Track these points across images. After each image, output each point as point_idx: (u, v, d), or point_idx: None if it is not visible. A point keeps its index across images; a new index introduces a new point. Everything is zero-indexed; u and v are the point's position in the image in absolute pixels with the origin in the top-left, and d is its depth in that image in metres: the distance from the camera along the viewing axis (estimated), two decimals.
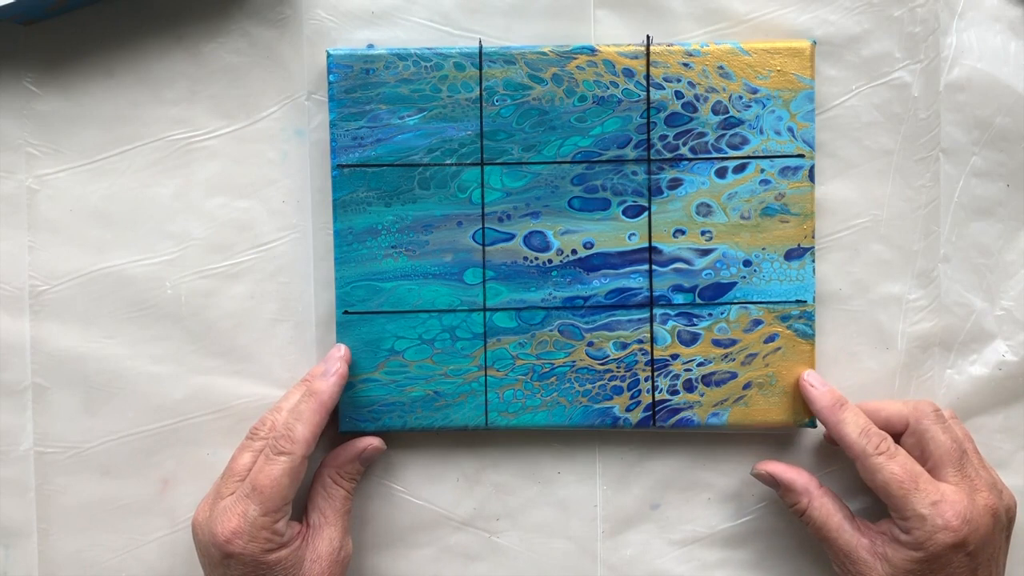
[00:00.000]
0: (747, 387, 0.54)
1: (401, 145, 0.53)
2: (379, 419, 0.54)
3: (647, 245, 0.54)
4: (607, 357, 0.54)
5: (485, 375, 0.54)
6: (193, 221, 0.55)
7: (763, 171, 0.53)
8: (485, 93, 0.53)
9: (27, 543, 0.55)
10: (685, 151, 0.53)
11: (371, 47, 0.54)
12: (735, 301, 0.54)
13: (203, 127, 0.54)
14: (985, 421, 0.55)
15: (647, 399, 0.54)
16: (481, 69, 0.53)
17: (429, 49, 0.53)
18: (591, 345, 0.54)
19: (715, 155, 0.53)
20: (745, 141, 0.53)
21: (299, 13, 0.54)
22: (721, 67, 0.53)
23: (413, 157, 0.53)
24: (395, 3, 0.54)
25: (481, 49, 0.53)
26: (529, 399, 0.54)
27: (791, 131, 0.53)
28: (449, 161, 0.53)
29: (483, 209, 0.53)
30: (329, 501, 0.52)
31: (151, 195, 0.55)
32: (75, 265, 0.55)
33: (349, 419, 0.54)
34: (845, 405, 0.52)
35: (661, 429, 0.54)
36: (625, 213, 0.54)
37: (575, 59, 0.53)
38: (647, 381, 0.54)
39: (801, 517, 0.52)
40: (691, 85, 0.53)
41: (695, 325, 0.54)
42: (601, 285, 0.54)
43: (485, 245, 0.53)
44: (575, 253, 0.54)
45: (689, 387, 0.54)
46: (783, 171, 0.53)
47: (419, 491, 0.55)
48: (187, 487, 0.55)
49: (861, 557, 0.50)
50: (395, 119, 0.53)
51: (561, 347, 0.54)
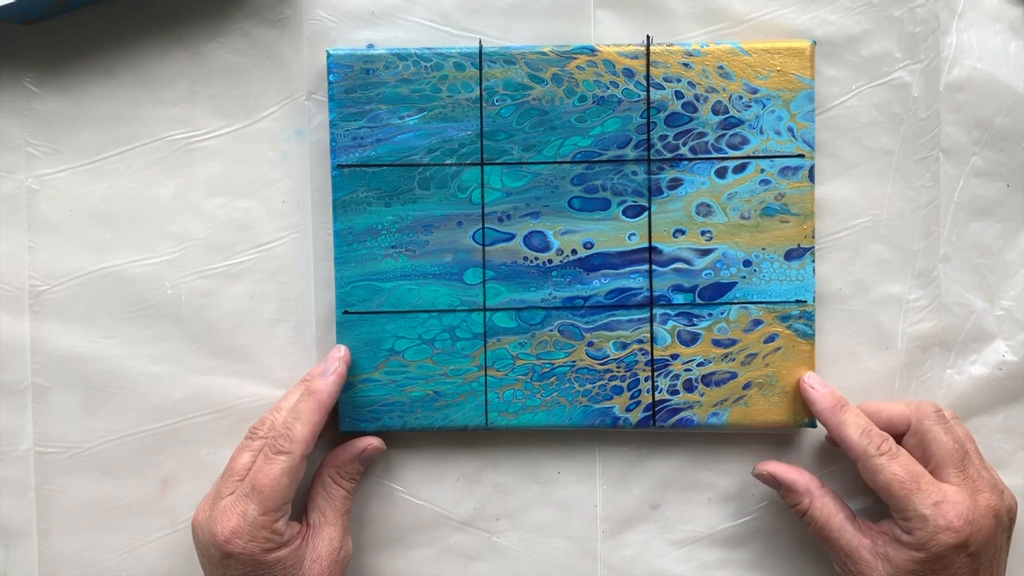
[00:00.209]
0: (747, 387, 0.54)
1: (401, 145, 0.53)
2: (379, 419, 0.54)
3: (647, 245, 0.54)
4: (607, 357, 0.54)
5: (485, 375, 0.54)
6: (193, 221, 0.55)
7: (763, 171, 0.53)
8: (485, 93, 0.53)
9: (27, 543, 0.55)
10: (685, 151, 0.53)
11: (371, 47, 0.54)
12: (735, 301, 0.54)
13: (203, 127, 0.54)
14: (985, 421, 0.55)
15: (647, 399, 0.54)
16: (481, 69, 0.53)
17: (429, 49, 0.53)
18: (591, 345, 0.54)
19: (715, 155, 0.53)
20: (745, 141, 0.53)
21: (299, 13, 0.54)
22: (721, 67, 0.53)
23: (413, 157, 0.53)
24: (395, 3, 0.54)
25: (481, 49, 0.53)
26: (529, 399, 0.54)
27: (791, 131, 0.53)
28: (449, 161, 0.53)
29: (483, 209, 0.53)
30: (329, 501, 0.52)
31: (151, 195, 0.55)
32: (75, 265, 0.55)
33: (349, 419, 0.54)
34: (846, 406, 0.52)
35: (661, 429, 0.54)
36: (625, 213, 0.54)
37: (575, 59, 0.53)
38: (647, 381, 0.54)
39: (803, 518, 0.52)
40: (691, 85, 0.53)
41: (695, 325, 0.54)
42: (601, 285, 0.54)
43: (485, 245, 0.53)
44: (575, 253, 0.54)
45: (689, 387, 0.54)
46: (783, 171, 0.53)
47: (419, 491, 0.55)
48: (187, 487, 0.55)
49: (863, 557, 0.50)
50: (395, 119, 0.53)
51: (561, 347, 0.54)
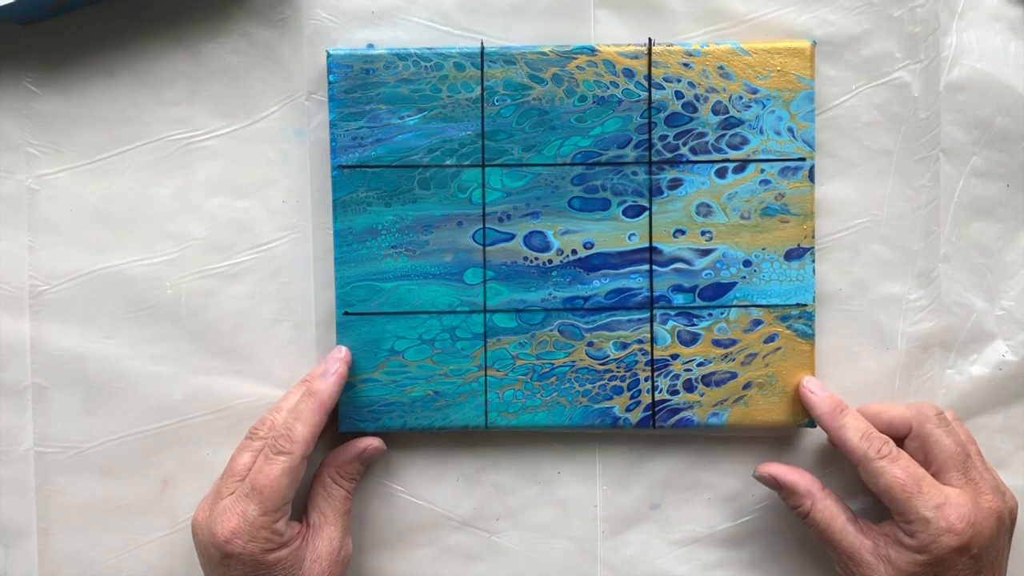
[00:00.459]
0: (747, 387, 0.54)
1: (401, 145, 0.53)
2: (379, 419, 0.54)
3: (647, 245, 0.54)
4: (607, 357, 0.54)
5: (485, 375, 0.54)
6: (193, 221, 0.55)
7: (763, 171, 0.53)
8: (485, 93, 0.53)
9: (27, 543, 0.55)
10: (685, 151, 0.53)
11: (371, 47, 0.54)
12: (735, 303, 0.54)
13: (203, 127, 0.54)
14: (985, 421, 0.55)
15: (647, 399, 0.54)
16: (483, 69, 0.53)
17: (429, 49, 0.53)
18: (591, 345, 0.54)
19: (715, 155, 0.53)
20: (745, 141, 0.53)
21: (299, 13, 0.54)
22: (721, 67, 0.53)
23: (413, 157, 0.53)
24: (395, 3, 0.54)
25: (483, 49, 0.53)
26: (529, 399, 0.54)
27: (791, 131, 0.53)
28: (449, 162, 0.53)
29: (483, 209, 0.53)
30: (329, 501, 0.52)
31: (151, 195, 0.55)
32: (75, 265, 0.55)
33: (349, 419, 0.54)
34: (845, 410, 0.51)
35: (661, 429, 0.54)
36: (625, 213, 0.53)
37: (575, 59, 0.53)
38: (647, 381, 0.54)
39: (804, 519, 0.52)
40: (691, 85, 0.53)
41: (695, 325, 0.54)
42: (601, 285, 0.54)
43: (485, 245, 0.53)
44: (575, 253, 0.54)
45: (689, 387, 0.54)
46: (783, 171, 0.53)
47: (419, 491, 0.55)
48: (187, 487, 0.55)
49: (864, 559, 0.50)
50: (395, 119, 0.53)
51: (561, 347, 0.54)
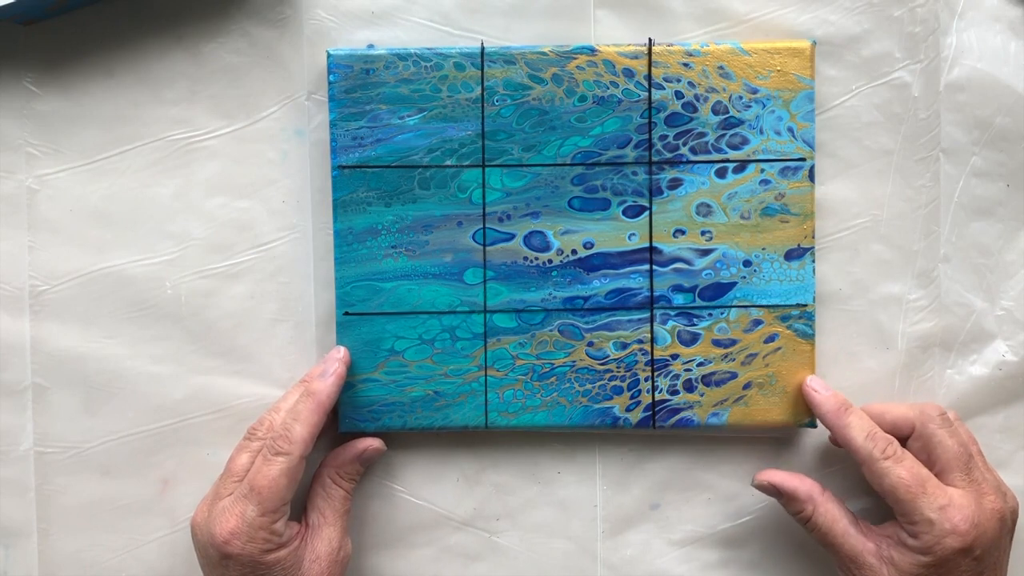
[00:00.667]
0: (747, 387, 0.54)
1: (401, 145, 0.53)
2: (379, 419, 0.54)
3: (647, 245, 0.54)
4: (607, 357, 0.54)
5: (485, 375, 0.54)
6: (193, 221, 0.55)
7: (763, 171, 0.53)
8: (485, 93, 0.53)
9: (27, 543, 0.55)
10: (685, 151, 0.53)
11: (371, 47, 0.54)
12: (735, 303, 0.54)
13: (203, 127, 0.54)
14: (985, 421, 0.55)
15: (647, 399, 0.54)
16: (483, 69, 0.53)
17: (429, 49, 0.53)
18: (591, 345, 0.54)
19: (715, 155, 0.53)
20: (745, 141, 0.53)
21: (299, 13, 0.54)
22: (721, 67, 0.53)
23: (413, 157, 0.53)
24: (395, 3, 0.54)
25: (483, 49, 0.53)
26: (529, 399, 0.54)
27: (791, 131, 0.53)
28: (449, 162, 0.53)
29: (483, 209, 0.53)
30: (328, 501, 0.52)
31: (151, 195, 0.55)
32: (75, 265, 0.55)
33: (349, 419, 0.54)
34: (850, 409, 0.51)
35: (661, 429, 0.54)
36: (625, 213, 0.53)
37: (575, 59, 0.53)
38: (647, 381, 0.54)
39: (806, 524, 0.51)
40: (691, 85, 0.53)
41: (695, 325, 0.54)
42: (601, 285, 0.54)
43: (485, 245, 0.53)
44: (575, 253, 0.54)
45: (689, 387, 0.54)
46: (783, 171, 0.53)
47: (419, 491, 0.55)
48: (187, 487, 0.55)
49: (867, 562, 0.49)
50: (395, 119, 0.53)
51: (561, 347, 0.54)
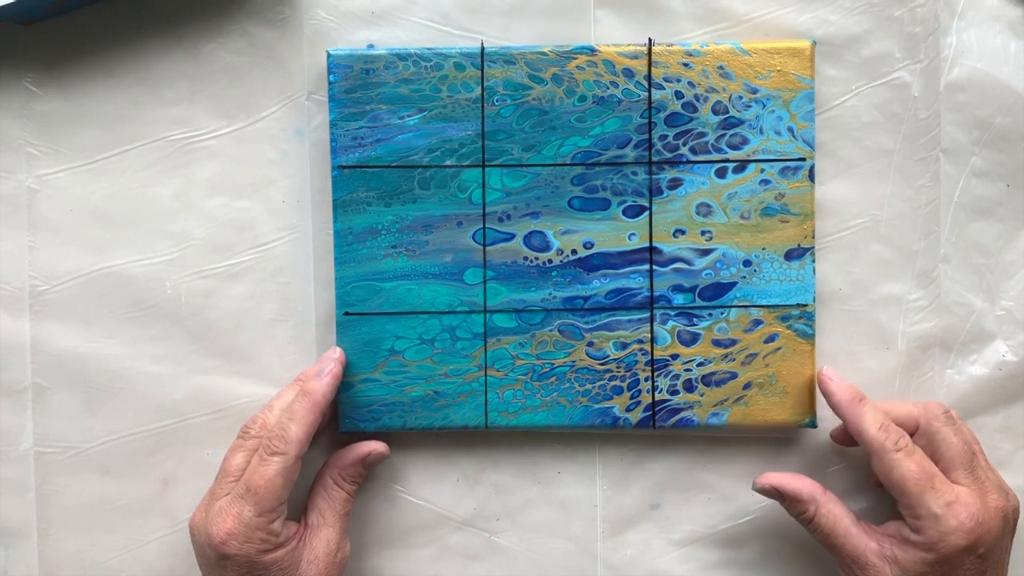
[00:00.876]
0: (747, 387, 0.54)
1: (401, 145, 0.53)
2: (379, 419, 0.54)
3: (647, 245, 0.54)
4: (607, 357, 0.54)
5: (485, 375, 0.54)
6: (193, 221, 0.55)
7: (763, 171, 0.53)
8: (485, 93, 0.53)
9: (27, 543, 0.55)
10: (685, 151, 0.53)
11: (371, 47, 0.54)
12: (735, 303, 0.54)
13: (203, 127, 0.55)
14: (985, 421, 0.55)
15: (647, 399, 0.54)
16: (483, 69, 0.53)
17: (429, 49, 0.53)
18: (591, 345, 0.54)
19: (715, 155, 0.53)
20: (745, 141, 0.53)
21: (299, 13, 0.54)
22: (721, 67, 0.53)
23: (413, 157, 0.53)
24: (395, 3, 0.54)
25: (483, 49, 0.53)
26: (529, 399, 0.54)
27: (791, 131, 0.53)
28: (449, 162, 0.53)
29: (484, 209, 0.53)
30: (329, 502, 0.52)
31: (151, 195, 0.55)
32: (75, 265, 0.55)
33: (349, 419, 0.54)
34: (864, 400, 0.51)
35: (661, 429, 0.54)
36: (625, 213, 0.53)
37: (575, 59, 0.53)
38: (647, 381, 0.54)
39: (808, 525, 0.51)
40: (691, 85, 0.53)
41: (695, 325, 0.54)
42: (601, 285, 0.54)
43: (485, 245, 0.53)
44: (575, 253, 0.54)
45: (689, 387, 0.54)
46: (783, 171, 0.53)
47: (419, 491, 0.55)
48: (187, 487, 0.55)
49: (870, 561, 0.49)
50: (395, 119, 0.53)
51: (561, 347, 0.54)
